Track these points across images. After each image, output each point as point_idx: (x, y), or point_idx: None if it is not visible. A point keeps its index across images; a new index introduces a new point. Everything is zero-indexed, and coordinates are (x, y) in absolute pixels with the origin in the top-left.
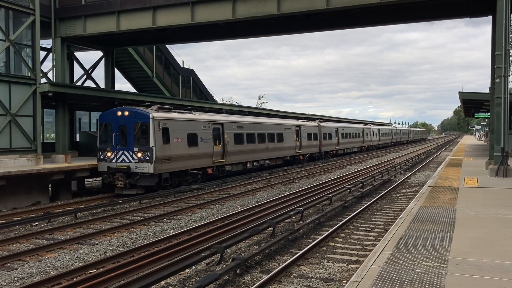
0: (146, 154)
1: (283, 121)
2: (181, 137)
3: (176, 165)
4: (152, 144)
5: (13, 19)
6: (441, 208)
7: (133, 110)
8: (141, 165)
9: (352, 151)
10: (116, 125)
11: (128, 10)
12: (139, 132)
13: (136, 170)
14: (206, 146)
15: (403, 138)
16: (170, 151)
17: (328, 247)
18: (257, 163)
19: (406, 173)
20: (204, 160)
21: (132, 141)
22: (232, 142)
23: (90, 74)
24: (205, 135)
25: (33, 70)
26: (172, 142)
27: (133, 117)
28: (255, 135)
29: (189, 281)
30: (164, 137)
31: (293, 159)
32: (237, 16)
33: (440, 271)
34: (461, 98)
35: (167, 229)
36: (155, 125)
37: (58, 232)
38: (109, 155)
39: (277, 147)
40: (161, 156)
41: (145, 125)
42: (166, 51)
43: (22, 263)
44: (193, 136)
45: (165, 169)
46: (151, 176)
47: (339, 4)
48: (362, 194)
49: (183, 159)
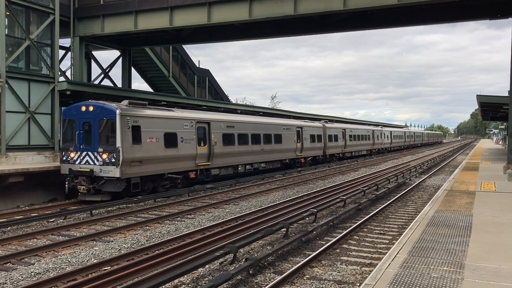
0: (111, 155)
1: (282, 120)
2: (156, 136)
3: (149, 168)
4: (118, 144)
5: (33, 18)
6: (457, 212)
7: (98, 105)
8: (106, 168)
9: (361, 154)
10: (80, 122)
11: (145, 10)
12: (104, 131)
13: (100, 173)
14: (187, 147)
15: (417, 141)
16: (142, 152)
17: (341, 249)
18: (251, 166)
19: (421, 176)
20: (185, 163)
21: (97, 141)
22: (220, 143)
23: (107, 73)
24: (187, 135)
25: (52, 69)
26: (145, 142)
27: (98, 113)
28: (248, 136)
29: (202, 280)
30: (135, 137)
31: (294, 162)
32: (253, 17)
33: (456, 276)
34: (478, 101)
35: (181, 227)
36: (123, 123)
37: (74, 228)
38: (72, 156)
39: (274, 149)
40: (130, 158)
41: (111, 122)
42: (182, 51)
43: (39, 258)
44: (172, 135)
45: (135, 173)
46: (117, 180)
47: (356, 5)
48: (376, 196)
49: (158, 162)
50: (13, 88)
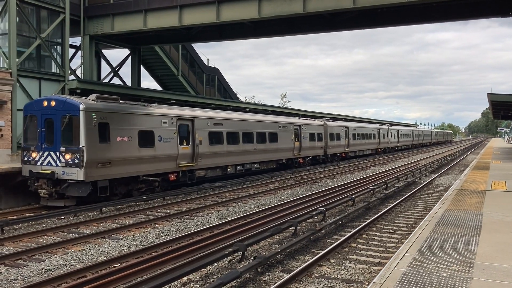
0: (75, 156)
1: (278, 118)
2: (128, 135)
3: (120, 170)
4: (82, 143)
5: (44, 17)
6: (467, 211)
7: (60, 100)
8: (69, 170)
9: (366, 154)
10: (42, 119)
11: (155, 9)
12: (67, 128)
13: (63, 176)
14: (167, 147)
15: (425, 140)
16: (111, 152)
17: (350, 248)
18: (242, 167)
19: (431, 175)
20: (164, 163)
21: (59, 139)
22: (206, 142)
23: (117, 72)
24: (166, 133)
25: (62, 67)
26: (115, 141)
27: (61, 109)
28: (238, 134)
29: (211, 278)
30: (102, 135)
31: (291, 162)
32: (263, 15)
33: (465, 276)
34: (490, 99)
35: (190, 225)
36: (87, 119)
37: (84, 226)
38: (34, 156)
39: (268, 148)
40: (96, 158)
41: (74, 119)
42: (191, 49)
43: (49, 255)
44: (147, 134)
45: (102, 175)
46: (81, 184)
47: (366, 3)
48: (385, 195)
49: (131, 163)
50: (24, 86)
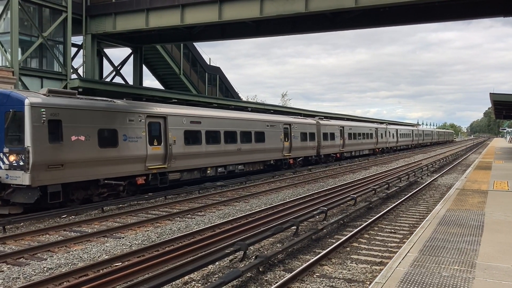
0: (19, 157)
1: (265, 116)
2: (85, 133)
3: (75, 173)
4: (28, 143)
5: (46, 16)
6: (469, 211)
7: (4, 93)
8: (14, 173)
9: (362, 154)
10: None
11: (156, 8)
12: (11, 126)
13: (7, 180)
14: (133, 147)
15: (426, 140)
16: (64, 153)
17: (351, 248)
18: (224, 168)
19: (433, 175)
20: (130, 166)
21: (2, 139)
22: (181, 142)
23: (119, 71)
24: (133, 132)
25: (64, 66)
26: (68, 141)
27: (4, 103)
28: (219, 134)
29: (212, 277)
30: (53, 133)
31: (281, 163)
32: (265, 14)
33: (467, 276)
34: (492, 99)
35: (192, 225)
36: (34, 116)
37: (86, 225)
38: None
39: (254, 148)
40: (45, 160)
41: (18, 115)
42: (193, 48)
43: (51, 254)
44: (110, 132)
45: (53, 179)
46: (27, 189)
47: (368, 3)
48: (387, 195)
49: (89, 165)
50: (26, 85)
